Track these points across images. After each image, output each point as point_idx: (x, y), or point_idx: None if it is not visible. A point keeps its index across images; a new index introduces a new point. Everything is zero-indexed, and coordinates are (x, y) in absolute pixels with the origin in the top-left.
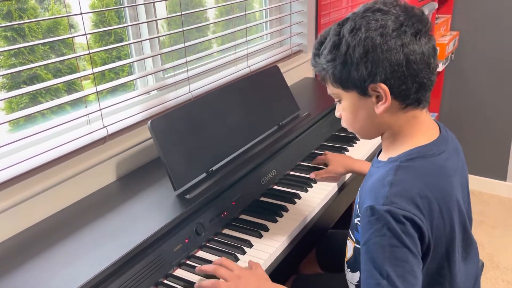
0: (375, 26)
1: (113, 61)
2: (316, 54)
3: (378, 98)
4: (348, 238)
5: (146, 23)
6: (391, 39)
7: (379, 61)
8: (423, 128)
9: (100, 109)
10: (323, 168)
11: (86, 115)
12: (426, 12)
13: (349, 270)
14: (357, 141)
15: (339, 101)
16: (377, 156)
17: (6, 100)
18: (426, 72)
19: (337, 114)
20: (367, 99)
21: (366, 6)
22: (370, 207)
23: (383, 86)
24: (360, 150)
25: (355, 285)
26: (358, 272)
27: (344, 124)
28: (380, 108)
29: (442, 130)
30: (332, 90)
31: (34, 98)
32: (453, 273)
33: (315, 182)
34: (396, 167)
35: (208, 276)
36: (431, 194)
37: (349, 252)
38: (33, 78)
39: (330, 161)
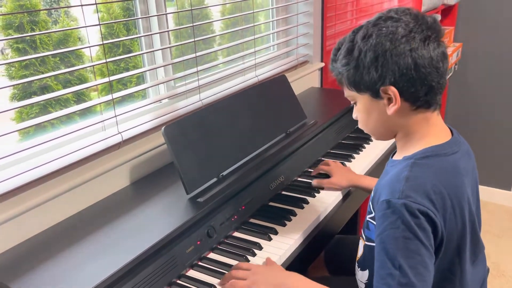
0: (385, 33)
1: (121, 73)
2: (333, 60)
3: (389, 100)
4: (360, 237)
5: (158, 34)
6: (400, 45)
7: (388, 64)
8: (435, 130)
9: (116, 116)
10: (325, 176)
11: (102, 121)
12: None
13: (359, 269)
14: (363, 149)
15: (355, 103)
16: (392, 157)
17: (17, 110)
18: (435, 75)
19: (354, 116)
20: (379, 101)
21: (379, 15)
22: (386, 201)
23: (393, 88)
24: (366, 158)
25: (365, 283)
26: (367, 271)
27: (360, 125)
28: (391, 109)
29: (454, 133)
30: (348, 92)
31: (44, 108)
32: (463, 270)
33: (323, 188)
34: (412, 163)
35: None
36: (444, 190)
37: (360, 251)
38: (43, 89)
39: (334, 173)
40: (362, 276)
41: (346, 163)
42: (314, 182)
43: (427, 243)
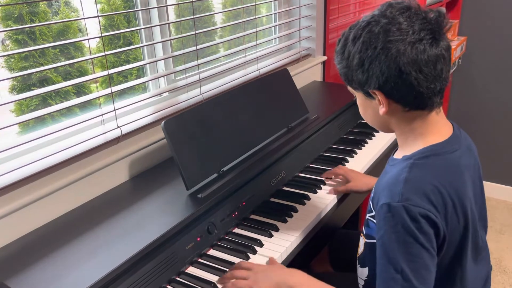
0: (373, 36)
1: (122, 65)
2: (335, 52)
3: (380, 101)
4: (361, 234)
5: (158, 26)
6: (386, 50)
7: (373, 70)
8: (434, 128)
9: (115, 110)
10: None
11: (101, 115)
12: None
13: (359, 265)
14: (365, 144)
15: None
16: (393, 155)
17: (17, 102)
18: (423, 81)
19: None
20: (372, 100)
21: (375, 12)
22: (386, 204)
23: (378, 92)
24: (368, 154)
25: (364, 280)
26: (367, 268)
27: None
28: (381, 110)
29: (455, 129)
30: (348, 87)
31: (44, 100)
32: (464, 268)
33: (324, 184)
34: (411, 164)
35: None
36: (444, 190)
37: (361, 248)
38: (43, 81)
39: (352, 179)
40: (361, 272)
41: (348, 158)
42: (331, 191)
43: (429, 245)
